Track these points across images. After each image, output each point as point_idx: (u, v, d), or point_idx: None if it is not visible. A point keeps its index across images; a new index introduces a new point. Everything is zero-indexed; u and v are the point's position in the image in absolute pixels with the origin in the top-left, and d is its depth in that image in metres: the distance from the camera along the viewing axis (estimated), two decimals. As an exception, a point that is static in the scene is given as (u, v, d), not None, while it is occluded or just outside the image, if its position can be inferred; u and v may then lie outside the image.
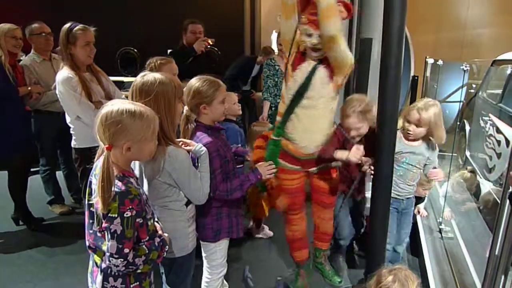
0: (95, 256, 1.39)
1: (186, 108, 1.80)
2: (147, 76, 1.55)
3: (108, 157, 1.24)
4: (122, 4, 5.98)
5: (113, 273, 1.33)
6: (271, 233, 3.12)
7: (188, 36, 3.46)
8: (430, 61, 4.20)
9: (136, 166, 1.64)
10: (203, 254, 1.96)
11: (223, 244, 1.93)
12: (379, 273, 1.43)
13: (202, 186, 1.66)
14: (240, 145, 2.46)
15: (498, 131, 2.80)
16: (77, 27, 2.43)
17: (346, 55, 1.88)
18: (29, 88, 3.05)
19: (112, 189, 1.23)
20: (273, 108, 3.77)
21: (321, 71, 1.98)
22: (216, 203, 1.82)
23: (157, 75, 1.56)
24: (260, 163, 1.93)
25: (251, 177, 1.83)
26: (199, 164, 1.69)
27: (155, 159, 1.51)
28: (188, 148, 1.66)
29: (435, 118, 2.15)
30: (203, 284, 2.01)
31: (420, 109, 2.16)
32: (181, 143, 1.66)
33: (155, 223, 1.50)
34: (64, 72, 2.43)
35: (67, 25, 2.44)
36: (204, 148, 1.69)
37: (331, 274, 2.52)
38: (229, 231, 1.91)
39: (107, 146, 1.26)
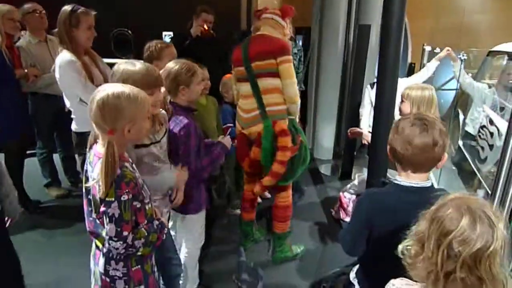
0: (97, 240, 1.42)
1: (163, 89, 1.77)
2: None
3: (112, 141, 1.26)
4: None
5: (114, 256, 1.36)
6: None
7: (198, 21, 3.49)
8: (428, 48, 4.20)
9: None
10: (182, 230, 2.13)
11: (202, 215, 2.11)
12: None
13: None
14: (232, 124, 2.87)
15: (491, 122, 2.83)
16: (80, 10, 2.34)
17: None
18: (26, 70, 3.01)
19: (116, 173, 1.25)
20: None
21: None
22: (195, 178, 1.95)
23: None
24: (221, 138, 2.14)
25: (220, 152, 2.04)
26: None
27: None
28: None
29: (418, 100, 2.23)
30: (184, 257, 2.12)
31: (409, 88, 2.30)
32: None
33: (155, 208, 1.52)
34: (66, 55, 2.33)
35: (68, 7, 2.33)
36: None
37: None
38: (206, 203, 2.11)
39: (109, 130, 1.27)
